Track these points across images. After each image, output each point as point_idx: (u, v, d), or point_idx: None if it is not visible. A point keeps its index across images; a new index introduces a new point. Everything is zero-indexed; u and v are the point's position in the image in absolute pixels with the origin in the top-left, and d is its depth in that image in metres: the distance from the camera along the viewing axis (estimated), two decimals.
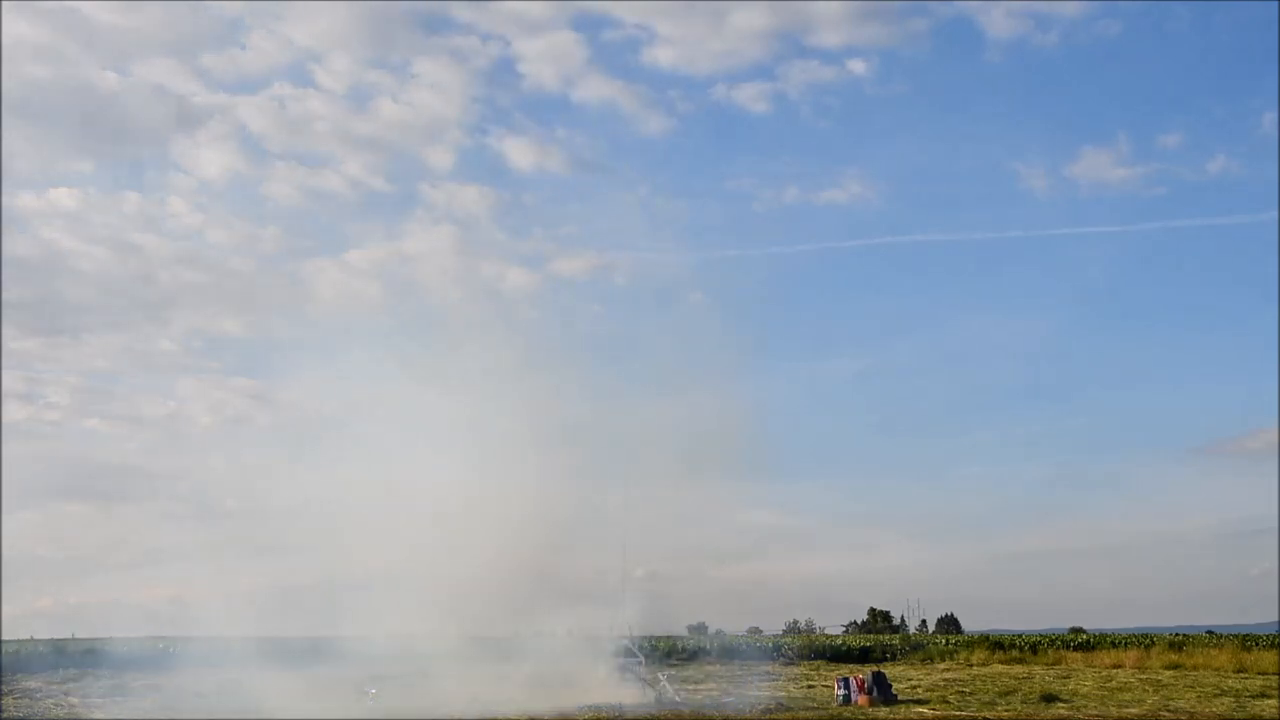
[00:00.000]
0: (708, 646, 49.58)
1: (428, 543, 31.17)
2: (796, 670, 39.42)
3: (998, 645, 47.25)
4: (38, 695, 29.65)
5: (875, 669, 29.64)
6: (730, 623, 67.21)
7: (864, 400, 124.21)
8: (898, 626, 73.66)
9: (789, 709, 24.70)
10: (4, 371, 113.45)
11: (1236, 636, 47.69)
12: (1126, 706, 24.64)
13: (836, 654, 46.48)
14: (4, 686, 31.98)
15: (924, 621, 74.68)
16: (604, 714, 23.50)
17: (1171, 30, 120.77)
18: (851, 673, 29.42)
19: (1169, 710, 23.76)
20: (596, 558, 32.06)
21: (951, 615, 75.99)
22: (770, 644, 50.25)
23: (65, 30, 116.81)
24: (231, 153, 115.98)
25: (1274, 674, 34.67)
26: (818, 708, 25.12)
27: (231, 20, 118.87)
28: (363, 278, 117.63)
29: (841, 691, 26.64)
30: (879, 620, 76.30)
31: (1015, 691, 28.62)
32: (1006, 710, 24.11)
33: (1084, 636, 51.97)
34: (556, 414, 34.82)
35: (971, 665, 42.87)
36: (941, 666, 42.12)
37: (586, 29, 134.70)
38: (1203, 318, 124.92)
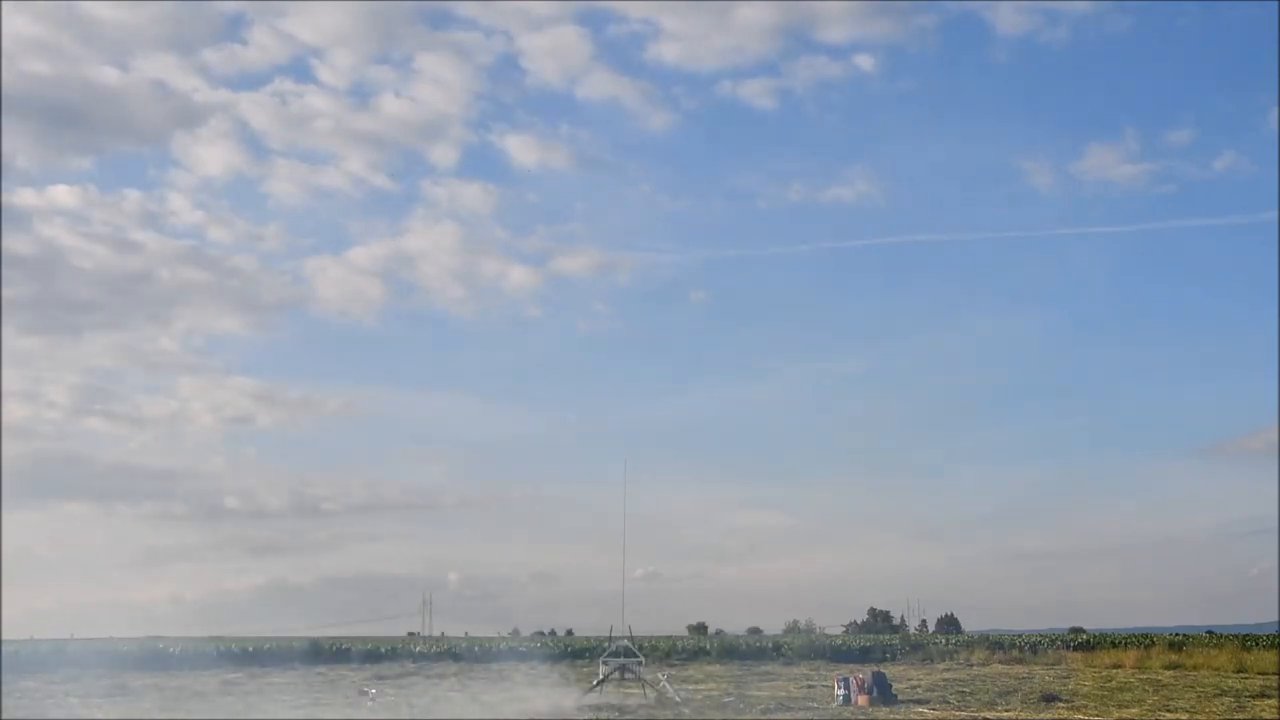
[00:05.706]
0: (708, 646, 49.60)
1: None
2: (796, 670, 39.38)
3: (998, 645, 47.29)
4: (38, 695, 29.59)
5: (875, 669, 29.61)
6: (730, 623, 67.37)
7: (864, 400, 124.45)
8: (898, 626, 73.74)
9: (789, 709, 24.68)
10: (4, 371, 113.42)
11: (1236, 636, 47.75)
12: (1126, 706, 24.62)
13: (836, 654, 46.47)
14: (4, 686, 31.90)
15: (924, 621, 74.86)
16: (604, 714, 23.47)
17: (1180, 26, 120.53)
18: (851, 673, 29.39)
19: (1169, 710, 23.73)
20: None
21: (951, 615, 76.18)
22: (770, 644, 50.26)
23: (65, 26, 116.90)
24: (232, 150, 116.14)
25: (1274, 674, 34.66)
26: (818, 708, 25.09)
27: (233, 16, 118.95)
28: (364, 275, 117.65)
29: (841, 691, 26.60)
30: (879, 620, 76.38)
31: (1015, 691, 28.60)
32: (1006, 710, 24.08)
33: (1084, 636, 52.02)
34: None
35: (971, 665, 42.88)
36: (941, 666, 42.11)
37: (591, 25, 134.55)
38: (1203, 318, 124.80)
